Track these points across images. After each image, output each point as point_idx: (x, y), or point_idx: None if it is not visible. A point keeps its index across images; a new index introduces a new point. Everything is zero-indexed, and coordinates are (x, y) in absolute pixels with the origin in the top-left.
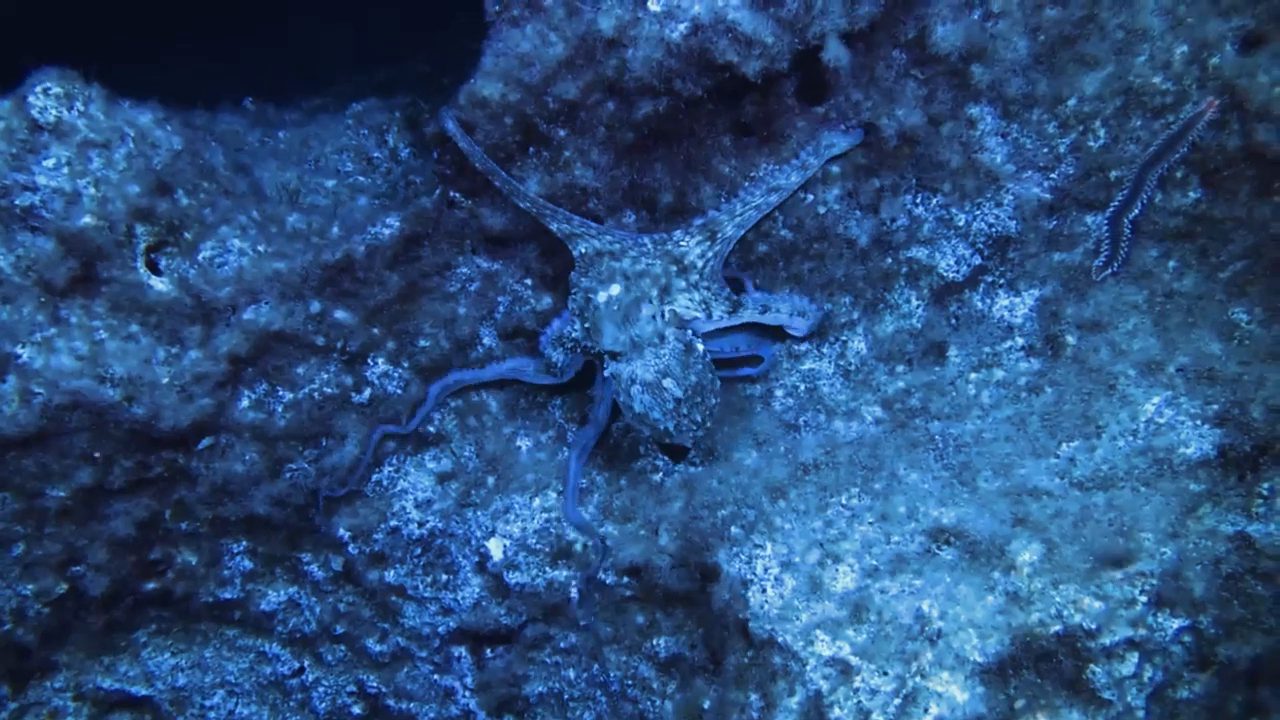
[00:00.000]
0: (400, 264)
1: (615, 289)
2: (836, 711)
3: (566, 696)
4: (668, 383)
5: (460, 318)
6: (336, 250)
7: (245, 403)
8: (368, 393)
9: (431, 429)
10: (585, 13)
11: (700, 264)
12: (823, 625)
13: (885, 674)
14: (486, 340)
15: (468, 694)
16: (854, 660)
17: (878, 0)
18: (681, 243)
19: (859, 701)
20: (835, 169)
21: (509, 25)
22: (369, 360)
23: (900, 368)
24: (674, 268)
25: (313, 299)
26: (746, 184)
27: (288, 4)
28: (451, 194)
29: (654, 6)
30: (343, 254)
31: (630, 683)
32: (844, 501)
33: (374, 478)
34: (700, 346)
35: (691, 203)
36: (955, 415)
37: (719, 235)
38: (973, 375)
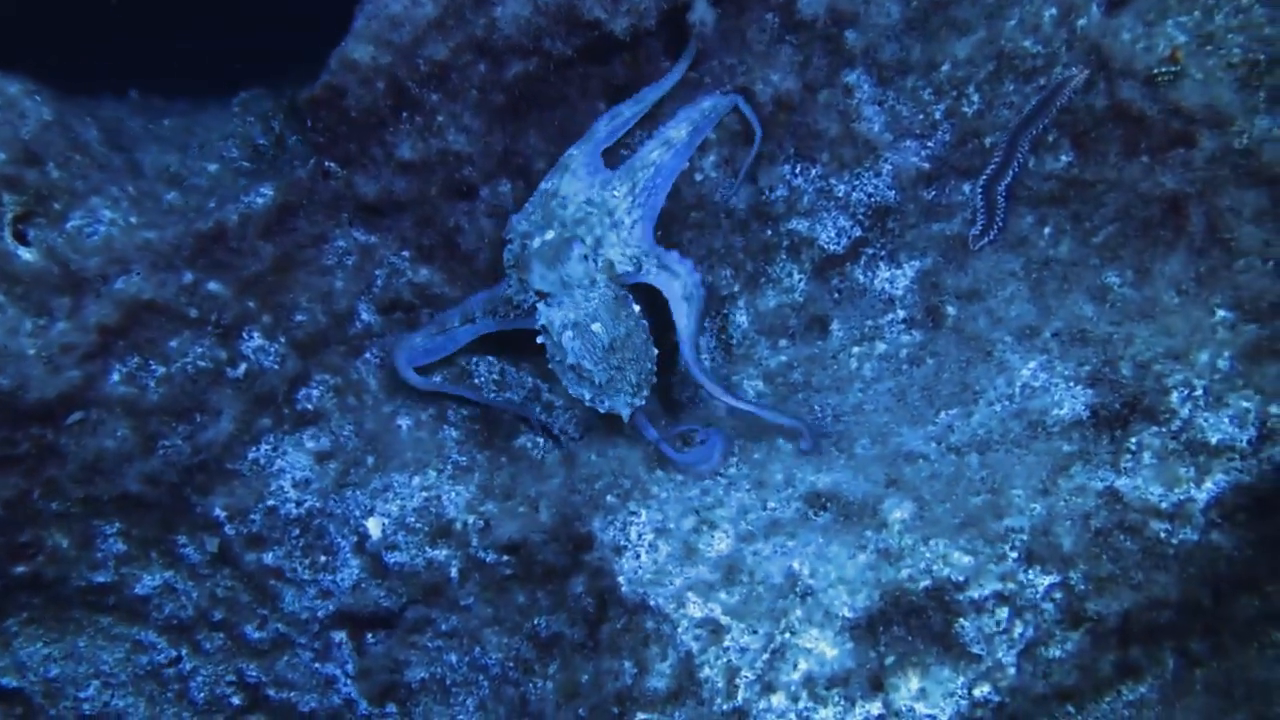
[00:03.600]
0: (274, 234)
1: (550, 234)
2: (706, 671)
3: (449, 682)
4: (596, 327)
5: (337, 291)
6: (208, 219)
7: (116, 376)
8: (243, 367)
9: (310, 406)
10: None
11: (628, 220)
12: (695, 588)
13: (755, 632)
14: (364, 315)
15: (349, 682)
16: (724, 620)
17: None
18: (615, 191)
19: (728, 660)
20: (712, 135)
21: None
22: (244, 334)
23: (783, 342)
24: (608, 219)
25: (185, 270)
26: (639, 133)
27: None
28: (326, 164)
29: None
30: (214, 223)
31: (511, 665)
32: (722, 470)
33: (250, 456)
34: (636, 308)
35: None
36: (837, 388)
37: (636, 186)
38: (855, 349)
